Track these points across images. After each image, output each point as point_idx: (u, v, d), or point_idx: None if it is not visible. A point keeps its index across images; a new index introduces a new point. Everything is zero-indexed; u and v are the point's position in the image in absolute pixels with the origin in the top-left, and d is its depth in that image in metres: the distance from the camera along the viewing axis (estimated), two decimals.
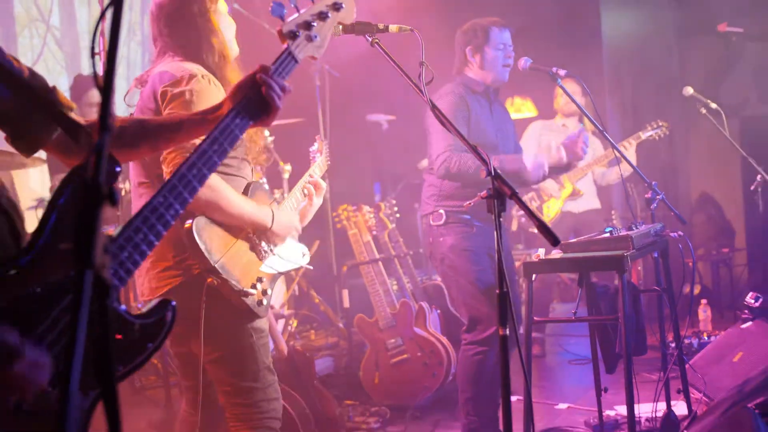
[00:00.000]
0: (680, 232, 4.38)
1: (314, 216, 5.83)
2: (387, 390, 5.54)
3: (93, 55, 1.71)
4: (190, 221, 2.99)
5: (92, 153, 1.26)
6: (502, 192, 2.69)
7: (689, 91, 6.12)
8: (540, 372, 6.61)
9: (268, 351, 3.37)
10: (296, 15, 2.34)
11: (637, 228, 4.10)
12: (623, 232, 3.95)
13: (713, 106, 6.07)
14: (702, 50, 9.07)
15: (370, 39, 3.11)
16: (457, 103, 4.50)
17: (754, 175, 6.06)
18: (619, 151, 4.76)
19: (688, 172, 9.85)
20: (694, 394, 4.67)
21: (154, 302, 1.98)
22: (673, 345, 4.83)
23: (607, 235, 3.95)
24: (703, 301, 6.54)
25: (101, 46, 4.83)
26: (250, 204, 3.19)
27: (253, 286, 3.16)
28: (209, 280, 3.05)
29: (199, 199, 2.92)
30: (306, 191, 3.65)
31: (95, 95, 5.73)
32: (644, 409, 4.56)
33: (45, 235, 1.78)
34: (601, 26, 8.39)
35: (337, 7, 2.43)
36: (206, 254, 2.99)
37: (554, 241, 2.57)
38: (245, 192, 3.27)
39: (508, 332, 2.66)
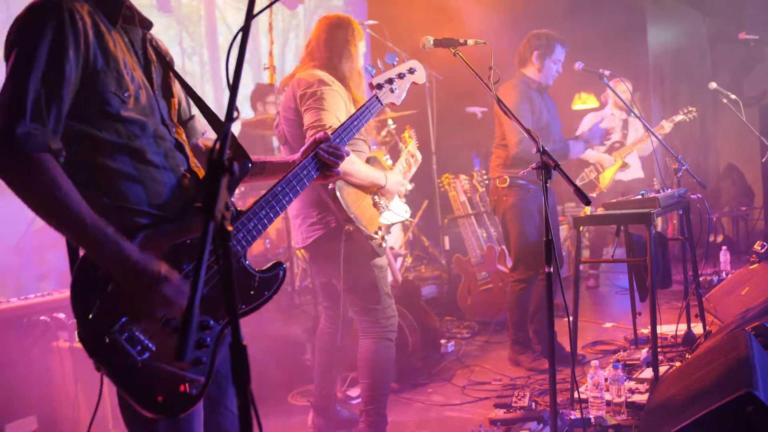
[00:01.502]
0: (699, 195, 4.43)
1: (424, 181, 6.06)
2: (476, 310, 5.70)
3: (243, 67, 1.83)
4: (332, 185, 3.11)
5: (218, 138, 1.41)
6: (548, 164, 2.81)
7: (713, 85, 6.06)
8: (594, 299, 6.69)
9: (387, 281, 3.44)
10: (384, 73, 2.48)
11: (663, 191, 4.11)
12: (652, 195, 3.95)
13: (732, 96, 5.99)
14: (728, 54, 8.90)
15: (453, 51, 3.15)
16: (523, 95, 4.55)
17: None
18: (653, 133, 4.84)
19: (717, 148, 9.69)
20: (710, 319, 4.70)
21: (271, 263, 1.96)
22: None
23: (639, 197, 4.00)
24: (724, 247, 6.49)
25: (269, 61, 5.16)
26: (371, 169, 3.28)
27: (375, 233, 3.26)
28: (347, 227, 3.16)
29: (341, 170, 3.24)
30: (407, 161, 3.69)
31: (270, 97, 5.99)
32: (670, 329, 4.66)
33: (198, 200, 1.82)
34: (647, 37, 8.25)
35: (412, 71, 2.59)
36: (345, 207, 3.10)
37: (586, 201, 2.74)
38: (366, 162, 3.35)
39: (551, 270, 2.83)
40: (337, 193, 3.13)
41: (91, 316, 1.61)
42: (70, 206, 1.59)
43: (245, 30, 1.56)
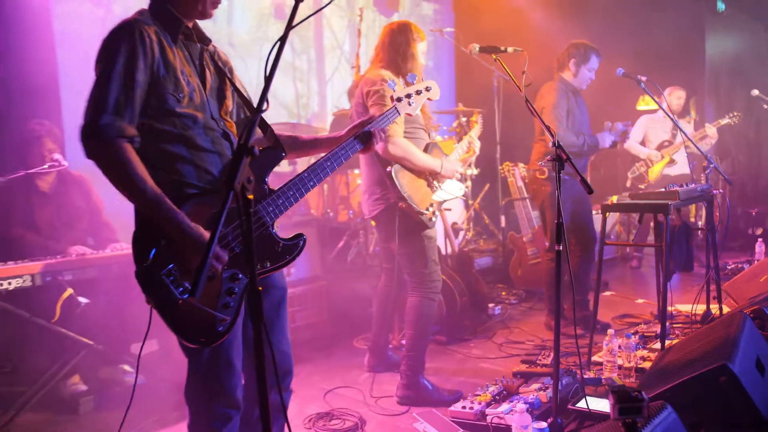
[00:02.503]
0: (721, 190, 4.27)
1: (488, 167, 6.04)
2: (525, 280, 5.68)
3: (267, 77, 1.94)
4: (390, 167, 3.24)
5: (246, 125, 1.58)
6: (561, 157, 2.82)
7: (755, 92, 5.74)
8: (634, 278, 6.52)
9: (435, 250, 3.50)
10: (404, 88, 2.55)
11: (687, 186, 3.99)
12: (675, 188, 3.83)
13: None
14: None
15: (494, 57, 3.19)
16: (562, 95, 4.48)
17: None
18: (689, 137, 4.66)
19: None
20: (731, 302, 4.53)
21: (296, 234, 2.08)
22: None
23: (663, 190, 3.88)
24: (760, 239, 6.17)
25: (356, 62, 5.27)
26: (426, 156, 3.35)
27: (427, 209, 3.35)
28: (400, 204, 3.27)
29: (395, 155, 3.24)
30: (466, 147, 3.78)
31: (356, 94, 6.10)
32: (687, 309, 4.55)
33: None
34: (705, 46, 7.82)
35: (428, 89, 2.62)
36: (399, 188, 3.22)
37: (589, 190, 2.73)
38: (425, 149, 3.43)
39: (561, 248, 2.85)
40: (393, 175, 3.26)
41: (145, 262, 1.80)
42: (137, 181, 1.80)
43: (283, 39, 1.72)
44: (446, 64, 8.29)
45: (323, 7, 2.05)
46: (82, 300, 3.52)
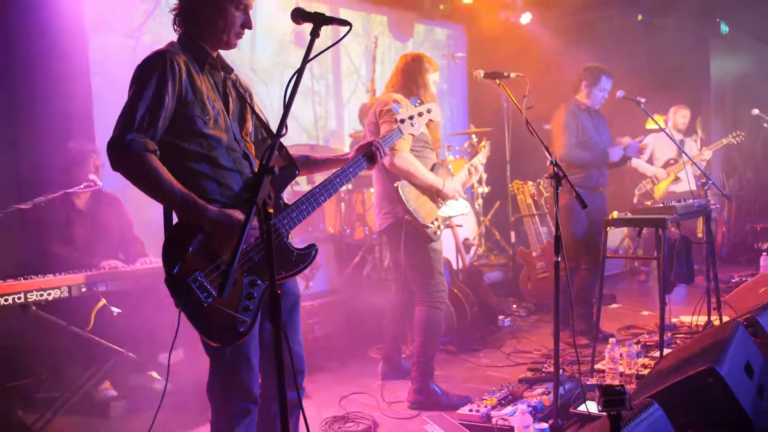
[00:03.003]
0: (717, 206, 4.37)
1: (498, 184, 6.18)
2: (534, 294, 5.78)
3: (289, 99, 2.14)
4: (398, 183, 3.43)
5: (267, 148, 1.79)
6: (558, 174, 2.98)
7: (755, 111, 5.85)
8: (640, 291, 6.63)
9: (441, 262, 3.64)
10: (407, 110, 2.73)
11: (685, 201, 4.09)
12: (673, 203, 3.92)
13: None
14: None
15: (498, 82, 3.37)
16: (571, 115, 4.67)
17: None
18: (688, 156, 4.81)
19: None
20: (732, 312, 4.61)
21: (310, 245, 2.25)
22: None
23: (661, 205, 3.99)
24: (764, 253, 6.20)
25: (371, 86, 5.49)
26: (430, 174, 3.52)
27: (432, 223, 3.51)
28: (406, 217, 3.44)
29: (400, 167, 3.42)
30: (469, 171, 3.88)
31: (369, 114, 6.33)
32: (694, 319, 4.59)
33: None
34: (710, 67, 7.93)
35: (429, 111, 2.78)
36: (405, 202, 3.40)
37: (583, 205, 2.89)
38: (432, 168, 3.60)
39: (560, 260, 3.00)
40: (399, 190, 3.44)
41: (174, 271, 1.98)
42: (163, 184, 2.00)
43: (300, 71, 1.94)
44: (459, 87, 8.49)
45: (337, 42, 2.23)
46: (115, 310, 3.72)
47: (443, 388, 3.71)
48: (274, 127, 2.36)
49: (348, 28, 2.08)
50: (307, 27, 6.15)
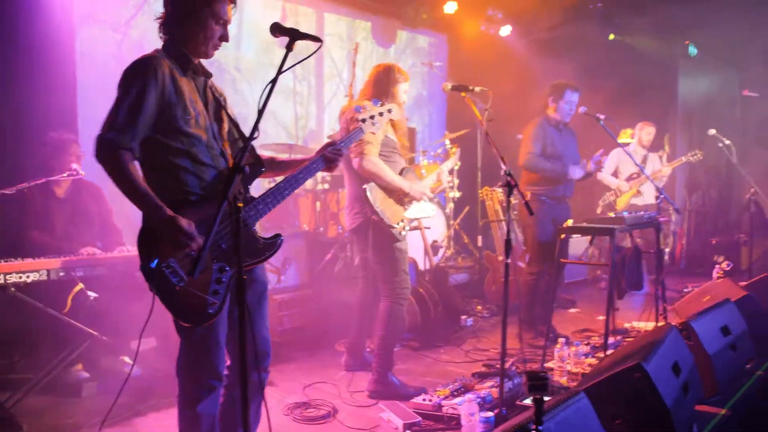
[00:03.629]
0: (665, 218, 4.63)
1: (468, 191, 6.39)
2: (498, 296, 5.98)
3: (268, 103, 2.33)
4: (366, 185, 3.63)
5: (240, 150, 2.00)
6: (511, 183, 3.21)
7: (712, 131, 6.13)
8: (600, 297, 6.65)
9: (406, 261, 3.84)
10: (368, 111, 2.87)
11: (635, 214, 4.34)
12: (624, 215, 4.18)
13: (727, 142, 6.06)
14: (759, 104, 8.68)
15: (463, 94, 3.58)
16: (538, 129, 4.93)
17: None
18: (646, 175, 5.11)
19: (743, 185, 9.44)
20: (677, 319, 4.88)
21: (275, 234, 2.43)
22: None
23: (613, 215, 4.25)
24: (717, 266, 6.38)
25: (349, 91, 5.68)
26: (397, 177, 3.71)
27: (398, 224, 3.71)
28: (373, 217, 3.65)
29: (368, 169, 3.61)
30: (435, 178, 4.12)
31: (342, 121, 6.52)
32: (643, 324, 4.93)
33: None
34: (677, 87, 8.23)
35: (390, 111, 2.94)
36: (372, 203, 3.60)
37: (530, 212, 3.13)
38: (400, 172, 3.79)
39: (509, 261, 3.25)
40: (367, 192, 3.65)
41: (148, 257, 2.18)
42: (134, 184, 2.19)
43: (273, 82, 2.19)
44: (438, 95, 8.73)
45: (307, 57, 2.42)
46: (91, 294, 3.89)
47: (402, 380, 3.93)
48: (248, 127, 2.60)
49: (319, 44, 2.28)
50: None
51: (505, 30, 8.16)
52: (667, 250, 8.00)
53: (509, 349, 4.74)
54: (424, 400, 3.50)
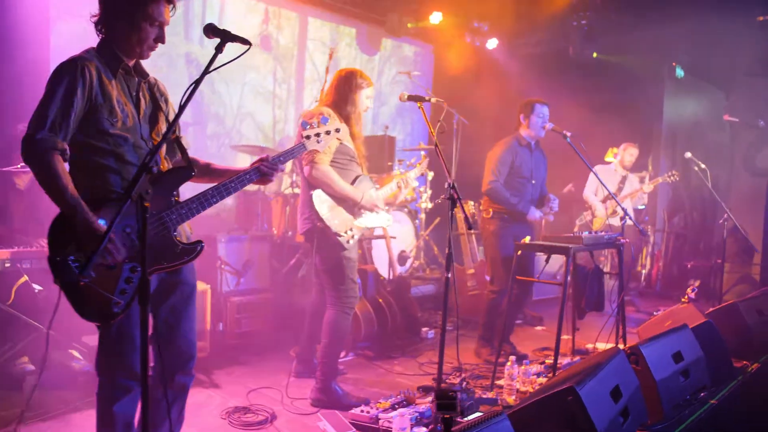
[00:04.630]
0: (627, 240, 4.56)
1: (441, 202, 6.32)
2: (462, 309, 5.86)
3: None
4: (313, 191, 3.61)
5: (150, 150, 1.99)
6: (454, 198, 3.18)
7: (688, 155, 6.10)
8: (568, 316, 6.76)
9: (354, 270, 3.78)
10: (315, 129, 2.83)
11: (597, 234, 4.30)
12: (582, 234, 4.12)
13: (702, 166, 6.03)
14: (747, 129, 8.66)
15: (419, 105, 3.57)
16: (507, 151, 4.85)
17: None
18: (614, 196, 5.07)
19: (729, 208, 9.38)
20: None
21: (197, 241, 2.40)
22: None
23: (570, 235, 4.17)
24: (689, 289, 6.37)
25: (320, 96, 5.62)
26: (347, 186, 3.67)
27: (345, 232, 3.66)
28: (318, 224, 3.62)
29: (316, 178, 3.59)
30: (398, 185, 4.04)
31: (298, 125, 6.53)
32: (601, 346, 4.76)
33: None
34: (663, 107, 8.23)
35: (337, 131, 2.90)
36: (318, 210, 3.59)
37: (470, 227, 3.10)
38: (353, 181, 3.75)
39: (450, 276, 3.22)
40: (313, 199, 3.63)
41: (56, 249, 2.15)
42: (60, 185, 2.16)
43: (198, 82, 2.16)
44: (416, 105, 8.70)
45: (235, 59, 2.37)
46: (36, 287, 3.85)
47: (349, 389, 3.88)
48: (225, 127, 2.56)
49: (247, 47, 2.25)
50: (274, 31, 6.32)
51: (492, 43, 8.15)
52: (643, 271, 7.98)
53: (464, 364, 4.74)
54: (362, 411, 3.46)
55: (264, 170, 2.59)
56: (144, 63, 2.54)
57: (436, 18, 7.45)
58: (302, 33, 7.29)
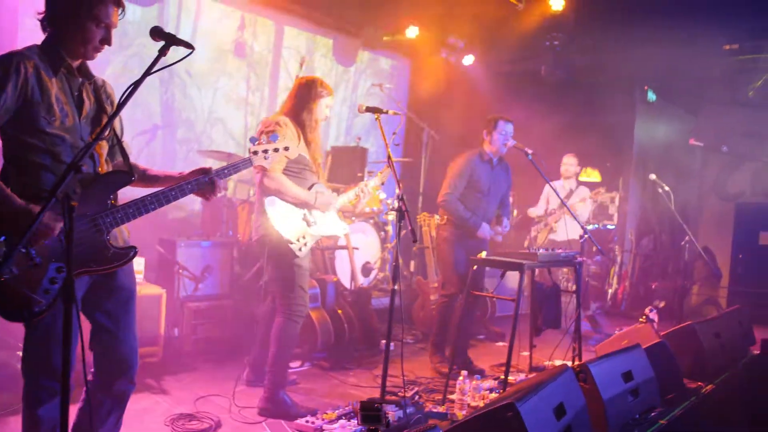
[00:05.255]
0: (583, 258, 4.59)
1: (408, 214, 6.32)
2: (425, 322, 5.96)
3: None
4: (265, 198, 3.60)
5: (81, 150, 1.95)
6: (402, 209, 3.19)
7: (652, 177, 6.15)
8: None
9: (305, 278, 3.77)
10: (263, 145, 2.80)
11: (551, 251, 4.31)
12: (538, 251, 4.13)
13: (666, 188, 6.09)
14: (718, 154, 8.73)
15: (376, 116, 3.57)
16: (466, 165, 4.89)
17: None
18: (569, 209, 5.11)
19: (696, 231, 9.49)
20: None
21: (130, 246, 2.39)
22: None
23: (525, 251, 4.21)
24: (652, 307, 6.37)
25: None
26: (300, 190, 3.67)
27: (297, 240, 3.65)
28: (270, 230, 3.61)
29: (269, 186, 3.59)
30: (356, 194, 4.06)
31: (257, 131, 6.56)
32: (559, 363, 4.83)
33: None
34: (634, 130, 8.31)
35: (286, 149, 2.88)
36: (270, 217, 3.58)
37: (414, 239, 3.11)
38: (309, 188, 3.75)
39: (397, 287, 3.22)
40: (265, 206, 3.63)
41: None
42: None
43: (137, 84, 2.13)
44: (396, 117, 8.72)
45: (176, 62, 2.35)
46: None
47: (299, 399, 3.84)
48: (195, 133, 2.54)
49: (190, 51, 2.24)
50: (250, 38, 6.31)
51: (468, 59, 8.20)
52: (610, 291, 8.03)
53: (419, 378, 4.71)
54: (307, 422, 3.44)
55: (203, 182, 2.54)
56: (117, 63, 2.52)
57: (412, 32, 7.47)
58: (278, 41, 7.28)
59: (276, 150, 2.85)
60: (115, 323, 2.51)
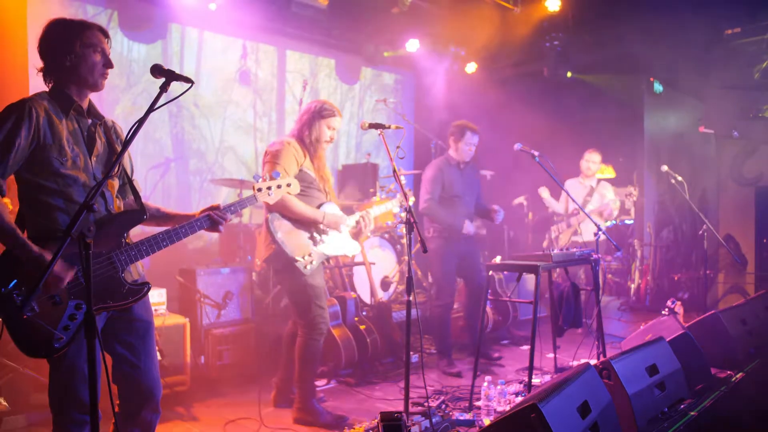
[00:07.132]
0: (599, 255, 4.58)
1: (394, 227, 6.36)
2: None
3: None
4: (270, 214, 3.69)
5: (92, 188, 2.04)
6: (411, 221, 3.24)
7: (665, 168, 6.12)
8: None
9: (320, 295, 3.83)
10: (267, 182, 2.91)
11: (567, 251, 4.30)
12: (552, 252, 4.12)
13: (679, 179, 6.05)
14: (731, 140, 8.68)
15: (380, 132, 3.64)
16: (438, 169, 5.12)
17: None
18: (584, 210, 5.10)
19: (718, 219, 9.41)
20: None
21: (144, 282, 2.47)
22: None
23: (540, 252, 4.20)
24: (675, 299, 6.31)
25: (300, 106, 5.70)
26: (307, 208, 3.75)
27: (303, 257, 3.71)
28: (274, 246, 3.69)
29: (275, 204, 3.64)
30: (354, 222, 4.03)
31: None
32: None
33: None
34: (644, 122, 8.27)
35: (288, 185, 2.98)
36: (274, 233, 3.67)
37: (425, 250, 3.14)
38: (318, 207, 3.83)
39: (411, 298, 3.26)
40: (269, 222, 3.72)
41: (5, 284, 2.19)
42: (1, 222, 2.21)
43: (141, 121, 2.20)
44: (405, 132, 8.79)
45: (174, 99, 2.44)
46: None
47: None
48: (206, 163, 2.62)
49: (189, 85, 2.31)
50: (253, 66, 6.43)
51: (471, 67, 8.26)
52: (632, 286, 7.97)
53: (445, 387, 4.73)
54: None
55: (215, 218, 2.65)
56: (126, 102, 2.61)
57: (412, 46, 7.55)
58: (281, 66, 7.40)
59: (279, 186, 2.96)
60: (135, 355, 2.57)
